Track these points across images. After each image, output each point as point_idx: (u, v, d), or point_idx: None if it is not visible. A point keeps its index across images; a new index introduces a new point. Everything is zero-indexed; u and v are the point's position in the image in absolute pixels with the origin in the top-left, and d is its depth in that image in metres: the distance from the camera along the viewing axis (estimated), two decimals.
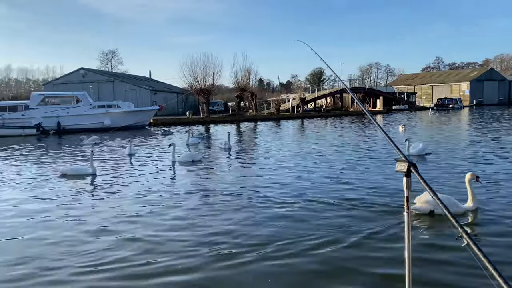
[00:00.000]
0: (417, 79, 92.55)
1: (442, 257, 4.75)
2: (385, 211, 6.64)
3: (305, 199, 7.61)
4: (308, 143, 18.59)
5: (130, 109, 34.28)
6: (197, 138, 20.40)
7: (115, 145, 19.88)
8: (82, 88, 41.50)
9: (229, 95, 70.44)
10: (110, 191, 8.88)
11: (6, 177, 11.14)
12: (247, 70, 49.35)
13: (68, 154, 16.39)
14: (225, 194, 8.28)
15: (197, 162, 12.78)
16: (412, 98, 71.71)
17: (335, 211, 6.79)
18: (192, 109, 51.64)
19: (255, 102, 50.70)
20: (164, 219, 6.62)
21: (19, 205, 7.83)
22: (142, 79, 66.56)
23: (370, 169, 10.84)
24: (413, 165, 2.30)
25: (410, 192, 2.39)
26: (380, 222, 6.11)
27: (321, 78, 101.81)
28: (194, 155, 13.51)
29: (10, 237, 5.98)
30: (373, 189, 8.33)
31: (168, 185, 9.51)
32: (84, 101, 32.36)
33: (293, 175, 10.19)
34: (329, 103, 62.20)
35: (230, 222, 6.35)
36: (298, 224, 6.15)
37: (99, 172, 11.20)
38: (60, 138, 25.88)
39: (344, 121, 36.83)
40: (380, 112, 52.90)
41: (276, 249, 5.12)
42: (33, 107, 31.16)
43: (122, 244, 5.51)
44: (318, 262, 4.73)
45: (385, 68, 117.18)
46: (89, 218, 6.82)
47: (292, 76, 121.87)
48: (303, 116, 46.58)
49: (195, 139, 19.56)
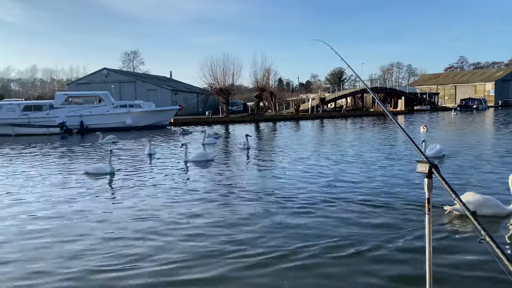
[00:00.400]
0: (440, 79, 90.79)
1: (464, 260, 4.65)
2: (406, 213, 6.55)
3: (324, 200, 7.57)
4: (327, 143, 18.47)
5: (151, 109, 34.74)
6: (213, 138, 20.47)
7: (135, 144, 20.17)
8: (104, 88, 42.21)
9: (248, 95, 70.53)
10: (127, 191, 8.91)
11: (26, 174, 11.44)
12: (266, 70, 49.39)
13: (89, 153, 16.71)
14: (244, 195, 8.27)
15: (210, 162, 12.86)
16: (435, 99, 70.41)
17: (355, 213, 6.72)
18: (212, 109, 51.92)
19: (274, 102, 50.64)
20: (181, 221, 6.59)
21: (35, 203, 8.02)
22: (163, 79, 67.31)
23: (391, 170, 10.70)
24: (435, 166, 2.26)
25: (431, 193, 2.36)
26: (401, 224, 6.02)
27: (342, 78, 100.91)
28: (207, 154, 13.59)
29: (20, 234, 6.12)
30: (394, 190, 8.22)
31: (186, 185, 9.53)
32: (106, 100, 32.95)
33: (312, 176, 10.14)
34: (350, 103, 61.64)
35: (249, 224, 6.33)
36: (318, 225, 6.12)
37: (119, 171, 11.35)
38: (83, 137, 26.40)
39: (365, 122, 36.46)
40: (401, 112, 52.15)
41: (295, 252, 5.09)
42: (57, 106, 31.90)
43: (137, 245, 5.51)
44: (335, 265, 4.69)
45: (406, 68, 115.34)
46: (104, 218, 6.88)
47: (312, 76, 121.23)
48: (322, 116, 46.29)
49: (211, 139, 19.66)
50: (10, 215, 7.06)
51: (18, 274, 4.59)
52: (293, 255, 4.95)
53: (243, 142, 16.64)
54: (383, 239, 5.39)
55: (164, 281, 4.35)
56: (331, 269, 4.54)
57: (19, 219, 6.84)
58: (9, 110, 31.27)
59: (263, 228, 6.02)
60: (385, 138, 20.45)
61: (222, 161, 13.51)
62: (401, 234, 5.57)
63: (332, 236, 5.56)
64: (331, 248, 5.13)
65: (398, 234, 5.55)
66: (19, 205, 7.77)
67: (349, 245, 5.20)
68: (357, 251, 5.03)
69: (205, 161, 12.85)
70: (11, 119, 30.30)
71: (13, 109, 31.47)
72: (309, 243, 5.31)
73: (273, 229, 5.98)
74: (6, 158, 15.52)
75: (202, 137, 19.52)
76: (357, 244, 5.25)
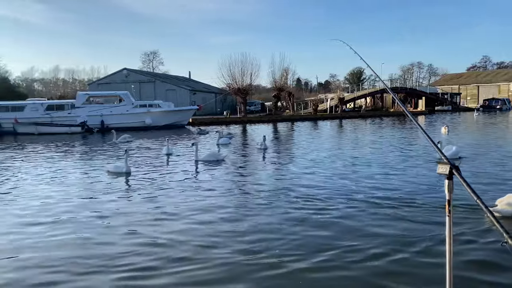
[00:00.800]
0: (462, 79, 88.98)
1: (486, 264, 4.56)
2: (426, 215, 6.45)
3: (342, 202, 7.52)
4: (346, 144, 18.34)
5: (170, 109, 35.10)
6: (227, 138, 20.51)
7: (153, 143, 20.38)
8: (124, 88, 42.82)
9: (266, 95, 70.52)
10: (144, 191, 8.90)
11: (42, 172, 11.71)
12: (284, 70, 49.30)
13: (107, 152, 16.97)
14: (261, 196, 8.27)
15: (221, 161, 12.88)
16: (456, 99, 69.10)
17: (373, 214, 6.66)
18: (230, 109, 52.09)
19: (293, 102, 50.50)
20: (196, 222, 6.52)
21: (53, 202, 8.19)
22: (182, 79, 67.89)
23: (411, 171, 10.56)
24: (456, 168, 2.23)
25: (451, 195, 2.32)
26: (421, 226, 5.94)
27: (361, 77, 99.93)
28: (217, 154, 13.62)
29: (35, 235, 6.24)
30: (414, 191, 8.12)
31: (202, 186, 9.45)
32: (126, 100, 33.43)
33: (330, 177, 10.08)
34: (369, 103, 61.01)
35: (266, 226, 6.29)
36: (336, 227, 6.09)
37: (136, 171, 11.35)
38: (103, 136, 26.83)
39: (384, 122, 36.05)
40: (422, 113, 51.37)
41: (313, 256, 5.04)
42: (79, 106, 32.52)
43: (151, 247, 5.51)
44: (352, 268, 4.65)
45: (427, 68, 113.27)
46: (118, 218, 6.91)
47: (330, 75, 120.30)
48: (341, 117, 45.95)
49: (225, 139, 19.72)
50: (28, 214, 7.23)
51: (38, 273, 4.70)
52: (310, 257, 4.93)
53: (261, 142, 16.63)
54: (401, 242, 5.32)
55: (180, 283, 4.35)
56: (347, 272, 4.51)
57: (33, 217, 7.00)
58: (32, 109, 32.05)
59: (279, 230, 6.00)
60: (405, 138, 20.18)
61: (239, 161, 13.53)
62: (421, 236, 5.49)
63: (349, 239, 5.51)
64: (348, 251, 5.08)
65: (417, 238, 5.47)
66: (34, 201, 7.96)
67: (367, 248, 5.14)
68: (375, 253, 4.97)
69: (215, 161, 12.89)
70: (34, 118, 31.10)
71: (36, 108, 32.24)
72: (326, 246, 5.28)
73: (290, 231, 5.96)
74: (30, 157, 15.90)
75: (217, 138, 19.64)
76: (375, 246, 5.19)
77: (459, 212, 6.27)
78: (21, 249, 5.36)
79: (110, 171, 11.22)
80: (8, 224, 6.54)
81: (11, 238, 5.83)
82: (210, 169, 11.86)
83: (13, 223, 6.58)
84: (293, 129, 30.69)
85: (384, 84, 4.83)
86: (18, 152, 17.71)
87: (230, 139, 20.85)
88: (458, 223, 5.91)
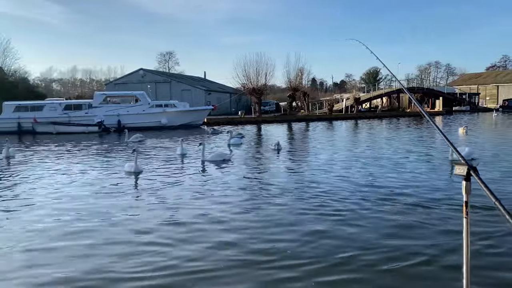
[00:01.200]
0: (481, 78, 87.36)
1: (504, 266, 4.47)
2: (444, 216, 6.36)
3: (358, 203, 7.47)
4: (362, 145, 18.18)
5: (185, 109, 35.40)
6: (238, 138, 20.43)
7: (168, 143, 20.50)
8: (141, 88, 43.29)
9: (281, 95, 70.34)
10: (157, 192, 8.89)
11: (61, 171, 11.90)
12: (299, 69, 49.14)
13: (119, 151, 17.15)
14: (276, 196, 8.27)
15: (227, 161, 12.87)
16: (475, 99, 67.91)
17: (390, 216, 6.59)
18: (245, 109, 52.17)
19: (308, 102, 50.33)
20: (211, 225, 6.46)
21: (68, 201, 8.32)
22: (197, 79, 68.28)
23: (428, 172, 10.42)
24: (473, 169, 2.18)
25: (469, 196, 2.28)
26: (438, 228, 5.85)
27: (377, 77, 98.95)
28: (224, 154, 13.54)
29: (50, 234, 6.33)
30: (431, 192, 8.01)
31: (216, 186, 9.44)
32: (143, 100, 33.80)
33: (345, 180, 10.01)
34: (385, 103, 60.40)
35: (278, 229, 6.27)
36: (352, 231, 6.04)
37: (149, 172, 11.31)
38: (120, 136, 27.14)
39: (401, 122, 35.65)
40: (439, 113, 50.62)
41: (326, 259, 5.03)
42: (96, 105, 33.03)
43: (165, 252, 5.47)
44: (368, 271, 4.61)
45: (445, 68, 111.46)
46: (125, 216, 6.98)
47: (346, 75, 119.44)
48: (357, 117, 45.62)
49: (236, 139, 19.73)
50: (43, 213, 7.36)
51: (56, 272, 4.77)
52: (323, 259, 4.91)
53: (275, 143, 16.35)
54: (419, 244, 5.25)
55: (188, 282, 4.35)
56: (360, 275, 4.47)
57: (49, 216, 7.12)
58: (51, 109, 32.67)
59: (294, 235, 5.96)
60: (422, 139, 19.91)
61: (253, 162, 13.52)
62: (438, 238, 5.41)
63: (365, 241, 5.47)
64: (365, 255, 5.04)
65: (435, 240, 5.39)
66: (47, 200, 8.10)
67: (381, 252, 5.08)
68: (390, 256, 4.91)
69: (222, 161, 12.86)
70: (52, 117, 31.69)
71: (54, 108, 32.85)
72: (342, 250, 5.24)
73: (306, 236, 5.93)
74: (48, 155, 16.20)
75: (228, 138, 19.68)
76: (389, 249, 5.13)
77: (477, 213, 6.16)
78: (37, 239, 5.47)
79: (126, 170, 11.32)
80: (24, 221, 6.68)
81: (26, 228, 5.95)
82: (218, 168, 11.87)
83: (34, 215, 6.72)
84: (308, 129, 30.57)
85: (400, 84, 4.77)
86: (37, 150, 18.07)
87: (241, 139, 20.87)
88: (477, 225, 5.81)
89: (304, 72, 50.01)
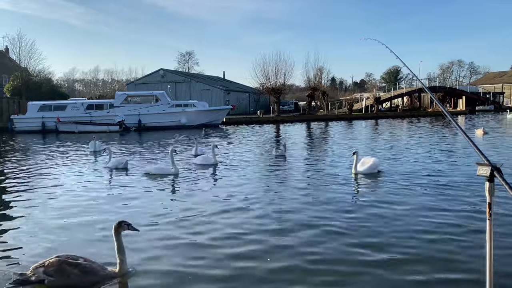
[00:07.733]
0: (506, 77, 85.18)
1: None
2: (466, 218, 6.24)
3: (374, 206, 7.39)
4: (383, 145, 17.97)
5: (205, 108, 35.68)
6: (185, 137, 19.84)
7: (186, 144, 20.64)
8: (161, 87, 43.78)
9: (300, 94, 70.18)
10: (189, 194, 8.80)
11: (75, 171, 12.13)
12: (319, 69, 48.97)
13: (147, 151, 17.36)
14: (293, 198, 8.24)
15: (214, 166, 12.10)
16: (499, 98, 66.30)
17: (408, 220, 6.49)
18: (263, 108, 52.21)
19: (327, 101, 50.03)
20: (236, 233, 6.52)
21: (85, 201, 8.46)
22: (216, 79, 68.65)
23: (451, 172, 10.22)
24: (497, 169, 2.14)
25: (492, 198, 2.23)
26: (461, 229, 5.74)
27: (398, 76, 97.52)
28: (208, 159, 12.49)
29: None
30: (454, 194, 7.86)
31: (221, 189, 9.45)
32: (163, 100, 34.21)
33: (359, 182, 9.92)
34: (406, 103, 59.54)
35: (305, 236, 6.26)
36: (364, 233, 5.99)
37: (182, 173, 10.89)
38: (140, 135, 27.50)
39: (422, 122, 35.05)
40: (461, 113, 49.60)
41: (343, 264, 5.01)
42: (117, 105, 33.60)
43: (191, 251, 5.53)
44: (391, 273, 4.56)
45: (468, 66, 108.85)
46: (160, 221, 6.99)
47: (366, 74, 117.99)
48: (377, 116, 45.11)
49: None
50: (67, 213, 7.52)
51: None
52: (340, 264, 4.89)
53: (282, 144, 15.04)
54: (441, 246, 5.16)
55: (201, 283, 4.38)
56: (386, 277, 4.43)
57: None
58: (73, 108, 33.43)
59: (310, 237, 5.96)
60: (444, 139, 19.51)
61: (261, 167, 13.47)
62: (461, 241, 5.31)
63: (385, 244, 5.42)
64: (383, 260, 4.99)
65: (457, 243, 5.29)
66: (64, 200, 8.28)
67: (404, 258, 4.98)
68: (412, 259, 4.83)
69: (209, 165, 12.08)
70: (75, 117, 32.42)
71: (77, 107, 33.60)
72: (354, 254, 5.21)
73: (323, 239, 5.91)
74: (72, 154, 16.55)
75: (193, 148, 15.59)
76: (413, 253, 5.06)
77: (500, 215, 6.02)
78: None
79: (152, 173, 10.75)
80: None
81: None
82: (232, 172, 11.74)
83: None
84: (327, 130, 30.31)
85: (421, 82, 4.70)
86: (61, 148, 18.48)
87: (191, 139, 18.92)
88: (500, 226, 5.67)
89: (323, 71, 49.97)
